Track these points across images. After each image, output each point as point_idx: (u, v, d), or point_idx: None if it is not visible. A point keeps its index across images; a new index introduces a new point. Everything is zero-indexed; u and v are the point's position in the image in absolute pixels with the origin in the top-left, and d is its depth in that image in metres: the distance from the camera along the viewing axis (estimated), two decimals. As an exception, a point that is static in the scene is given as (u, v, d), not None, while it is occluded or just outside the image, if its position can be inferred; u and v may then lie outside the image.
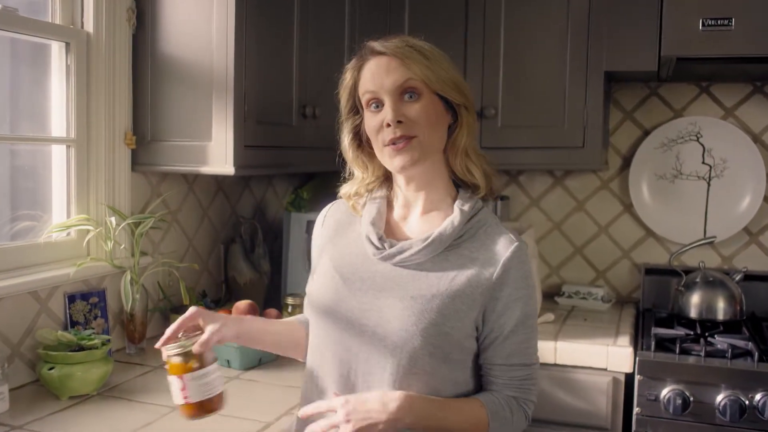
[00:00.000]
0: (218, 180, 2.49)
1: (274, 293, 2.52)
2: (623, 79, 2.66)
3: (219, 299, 2.41)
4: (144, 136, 2.06)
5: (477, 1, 2.50)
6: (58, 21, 1.92)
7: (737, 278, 2.45)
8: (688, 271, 2.51)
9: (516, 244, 1.34)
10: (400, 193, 1.42)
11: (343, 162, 1.46)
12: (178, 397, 1.32)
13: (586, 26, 2.41)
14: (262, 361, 1.96)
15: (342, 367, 1.34)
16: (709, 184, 2.66)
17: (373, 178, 1.44)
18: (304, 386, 1.42)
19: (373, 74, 1.34)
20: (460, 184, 1.41)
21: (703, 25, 2.08)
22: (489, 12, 2.50)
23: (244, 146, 1.97)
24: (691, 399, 2.01)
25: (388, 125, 1.31)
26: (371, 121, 1.35)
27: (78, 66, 1.94)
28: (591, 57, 2.40)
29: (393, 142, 1.31)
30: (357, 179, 1.44)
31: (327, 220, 1.51)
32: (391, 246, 1.36)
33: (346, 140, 1.42)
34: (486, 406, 1.31)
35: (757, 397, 1.96)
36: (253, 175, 2.63)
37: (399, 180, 1.40)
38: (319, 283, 1.42)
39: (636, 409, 2.07)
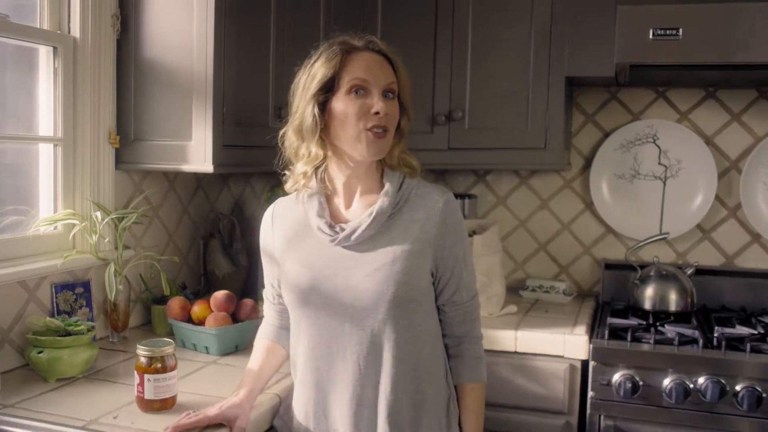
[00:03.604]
0: (198, 178, 2.60)
1: (251, 285, 2.63)
2: (585, 83, 2.81)
3: (198, 291, 2.52)
4: (127, 135, 2.17)
5: (446, 9, 2.63)
6: (46, 26, 2.02)
7: (689, 272, 2.60)
8: (643, 266, 2.66)
9: (446, 195, 1.58)
10: (338, 182, 1.59)
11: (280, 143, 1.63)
12: (135, 390, 1.60)
13: (549, 34, 2.54)
14: (239, 347, 2.08)
15: (334, 352, 1.54)
16: (664, 184, 2.81)
17: (325, 157, 1.57)
18: (300, 372, 1.63)
19: (369, 66, 1.51)
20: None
21: (653, 34, 2.22)
22: (457, 20, 2.63)
23: (222, 146, 2.09)
24: (641, 383, 2.15)
25: (377, 113, 1.49)
26: (352, 105, 1.49)
27: (65, 69, 2.04)
28: (553, 63, 2.54)
29: (376, 128, 1.49)
30: (313, 158, 1.55)
31: (275, 222, 1.66)
32: (342, 230, 1.55)
33: (312, 115, 1.51)
34: (475, 379, 1.63)
35: (701, 380, 2.11)
36: (231, 173, 2.74)
37: (342, 168, 1.57)
38: (290, 281, 1.58)
39: (590, 393, 2.21)
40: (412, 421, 1.55)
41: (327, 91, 1.52)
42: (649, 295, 2.56)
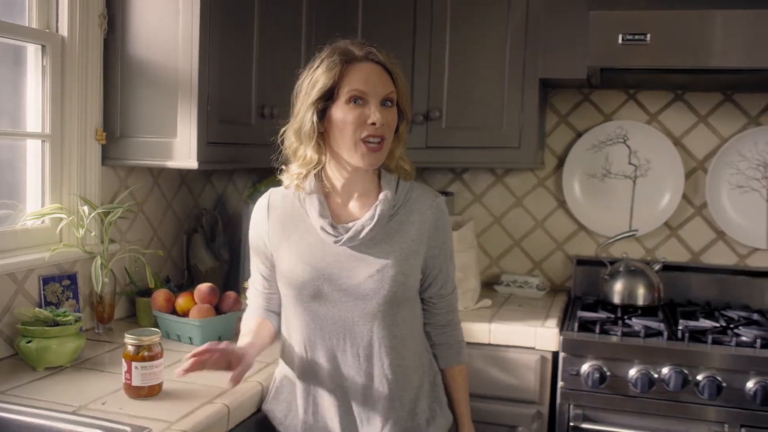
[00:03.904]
0: (182, 174, 2.66)
1: (233, 279, 2.70)
2: (558, 85, 2.90)
3: (181, 284, 2.58)
4: (114, 132, 2.22)
5: (425, 12, 2.71)
6: (34, 25, 2.07)
7: (657, 268, 2.70)
8: (613, 262, 2.76)
9: (438, 199, 1.71)
10: (337, 183, 1.67)
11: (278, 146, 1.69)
12: (122, 378, 1.66)
13: (524, 37, 2.63)
14: (222, 338, 2.14)
15: (333, 344, 1.66)
16: (634, 183, 2.91)
17: (320, 161, 1.64)
18: (296, 363, 1.72)
19: (368, 77, 1.57)
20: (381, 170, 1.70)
21: (623, 39, 2.31)
22: (436, 21, 2.71)
23: (207, 143, 2.15)
24: (608, 373, 2.25)
25: (373, 124, 1.56)
26: (350, 113, 1.56)
27: (53, 67, 2.09)
28: (527, 65, 2.63)
29: (371, 140, 1.57)
30: (308, 161, 1.63)
31: (271, 213, 1.72)
32: (346, 231, 1.63)
33: (311, 121, 1.59)
34: (461, 362, 1.82)
35: (665, 371, 2.21)
36: (215, 169, 2.81)
37: (341, 172, 1.65)
38: (290, 277, 1.66)
39: (560, 383, 2.30)
40: (412, 402, 1.70)
41: (327, 99, 1.59)
42: (618, 289, 2.66)
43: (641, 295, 2.64)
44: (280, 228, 1.70)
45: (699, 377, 2.18)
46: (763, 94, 2.78)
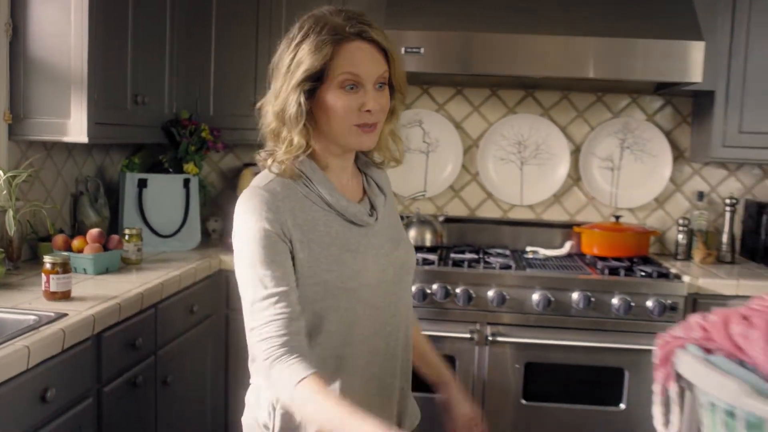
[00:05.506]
0: (69, 148, 3.31)
1: (113, 230, 3.39)
2: (370, 81, 3.75)
3: (72, 235, 3.25)
4: (18, 114, 2.85)
5: (264, 20, 3.49)
6: (-45, 31, 2.70)
7: (441, 219, 3.64)
8: (410, 216, 3.67)
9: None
10: (329, 163, 1.52)
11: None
12: (42, 287, 2.33)
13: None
14: (109, 270, 2.85)
15: (378, 324, 1.55)
16: (427, 157, 3.83)
17: (308, 146, 1.47)
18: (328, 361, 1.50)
19: (361, 60, 1.41)
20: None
21: (405, 51, 3.18)
22: (273, 19, 3.46)
23: (94, 123, 2.84)
24: (396, 290, 3.14)
25: (368, 111, 1.43)
26: (343, 100, 1.41)
27: (-29, 63, 2.73)
28: (343, 66, 3.46)
29: (365, 125, 1.44)
30: (295, 147, 1.45)
31: (281, 203, 1.46)
32: (371, 211, 1.56)
33: (297, 104, 1.40)
34: (416, 323, 1.78)
35: (434, 287, 3.11)
36: (100, 143, 3.47)
37: (332, 150, 1.51)
38: (333, 269, 1.47)
39: (363, 300, 3.17)
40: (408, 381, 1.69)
41: (315, 80, 1.41)
42: (412, 235, 3.56)
43: (428, 238, 3.56)
44: (302, 216, 1.47)
45: (457, 290, 3.10)
46: (518, 90, 3.77)
